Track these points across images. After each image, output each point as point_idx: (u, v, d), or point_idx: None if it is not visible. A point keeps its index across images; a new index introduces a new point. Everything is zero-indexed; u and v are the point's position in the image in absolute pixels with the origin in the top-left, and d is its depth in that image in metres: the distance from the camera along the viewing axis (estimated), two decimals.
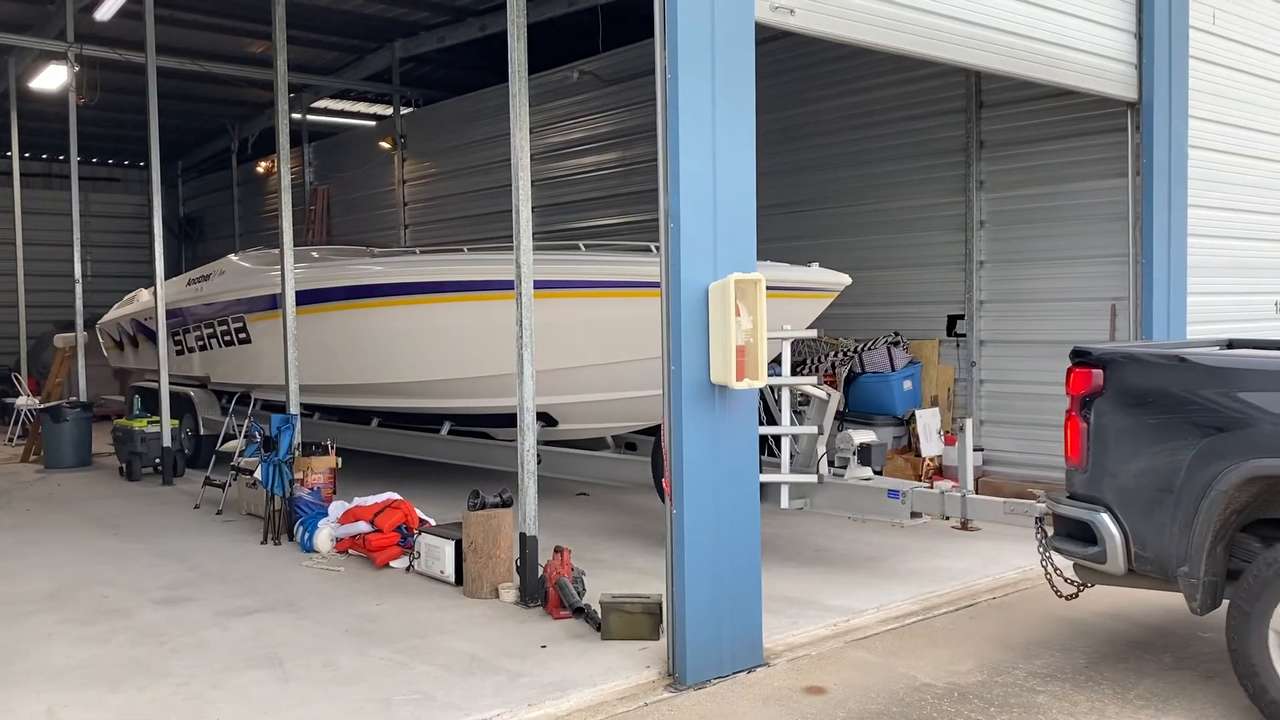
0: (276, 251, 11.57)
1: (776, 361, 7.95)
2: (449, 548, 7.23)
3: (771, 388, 7.51)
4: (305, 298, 10.04)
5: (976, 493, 7.67)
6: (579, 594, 6.40)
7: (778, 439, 7.77)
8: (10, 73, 14.44)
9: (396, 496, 8.27)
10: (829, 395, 7.65)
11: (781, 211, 10.83)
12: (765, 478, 6.95)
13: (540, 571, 6.60)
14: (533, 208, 6.69)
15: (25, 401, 14.37)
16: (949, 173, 10.41)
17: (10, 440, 14.47)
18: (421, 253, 11.48)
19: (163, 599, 6.99)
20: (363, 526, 7.95)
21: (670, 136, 5.33)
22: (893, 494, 7.15)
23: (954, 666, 5.68)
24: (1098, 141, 8.93)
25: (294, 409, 9.54)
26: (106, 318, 14.83)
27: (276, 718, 4.94)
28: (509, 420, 8.15)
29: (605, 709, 5.07)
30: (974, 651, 5.94)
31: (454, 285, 8.94)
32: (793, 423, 7.89)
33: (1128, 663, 5.76)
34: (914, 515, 7.13)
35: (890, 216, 11.18)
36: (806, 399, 8.04)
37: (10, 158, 15.45)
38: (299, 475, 8.78)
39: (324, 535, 8.19)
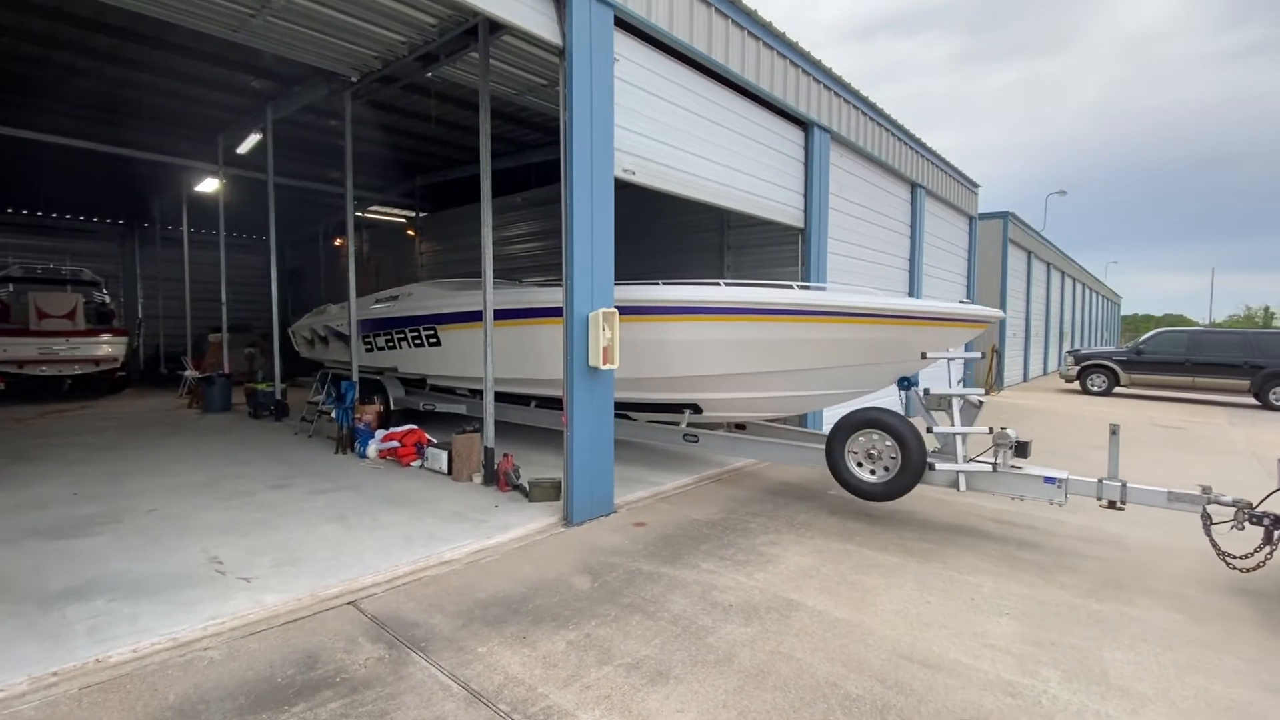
0: (456, 280, 10.07)
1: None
2: (444, 455, 7.02)
3: (941, 396, 5.50)
4: (457, 319, 8.25)
5: None
6: (517, 478, 6.34)
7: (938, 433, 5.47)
8: (184, 182, 13.24)
9: (415, 427, 7.97)
10: (980, 402, 5.48)
11: (625, 279, 10.56)
12: (945, 467, 5.25)
13: (495, 466, 6.49)
14: (493, 270, 6.56)
15: (190, 373, 13.11)
16: (713, 260, 10.51)
17: (180, 396, 13.20)
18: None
19: (275, 485, 6.53)
20: (395, 443, 7.63)
21: (568, 234, 5.31)
22: (1049, 480, 4.96)
23: (709, 510, 5.86)
24: (785, 248, 9.15)
25: (355, 378, 9.04)
26: (299, 324, 12.72)
27: (345, 548, 4.73)
28: (650, 407, 7.10)
29: (530, 537, 5.05)
30: (719, 503, 6.13)
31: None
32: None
33: (793, 508, 6.06)
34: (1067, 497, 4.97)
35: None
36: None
37: (183, 231, 14.25)
38: (358, 415, 8.35)
39: (373, 447, 7.80)
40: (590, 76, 5.33)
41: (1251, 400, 15.13)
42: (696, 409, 6.81)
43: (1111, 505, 4.80)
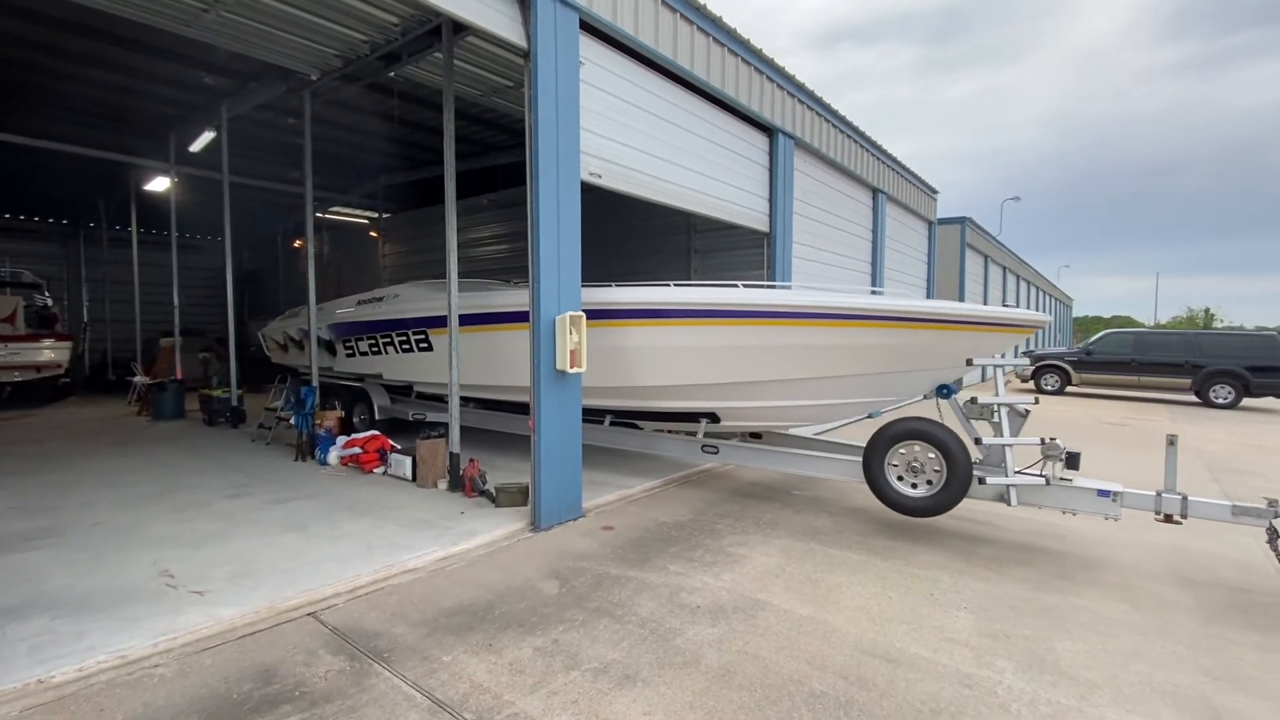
0: (443, 281, 8.94)
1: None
2: (408, 461, 6.91)
3: (985, 404, 5.14)
4: (473, 320, 7.25)
5: None
6: (484, 483, 6.27)
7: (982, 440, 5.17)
8: (133, 180, 12.75)
9: (378, 433, 7.82)
10: (1026, 410, 5.09)
11: (594, 280, 10.49)
12: (996, 480, 4.95)
13: (461, 472, 6.42)
14: (457, 273, 6.49)
15: (140, 379, 12.62)
16: (679, 263, 10.57)
17: (129, 403, 12.70)
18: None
19: (231, 494, 6.34)
20: (357, 450, 7.47)
21: (534, 238, 5.29)
22: (1103, 494, 4.70)
23: (677, 513, 5.89)
24: (751, 252, 9.22)
25: (315, 382, 8.82)
26: (270, 327, 12.07)
27: (304, 558, 4.62)
28: (662, 415, 6.76)
29: (497, 543, 5.01)
30: (687, 505, 6.17)
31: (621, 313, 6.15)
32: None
33: (760, 509, 6.14)
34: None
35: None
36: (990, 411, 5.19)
37: (131, 231, 13.65)
38: (318, 421, 8.15)
39: (334, 454, 7.62)
40: (556, 79, 5.32)
41: (1193, 398, 15.88)
42: (714, 418, 6.43)
43: (1169, 519, 4.49)
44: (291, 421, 8.39)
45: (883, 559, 4.80)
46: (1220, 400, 15.26)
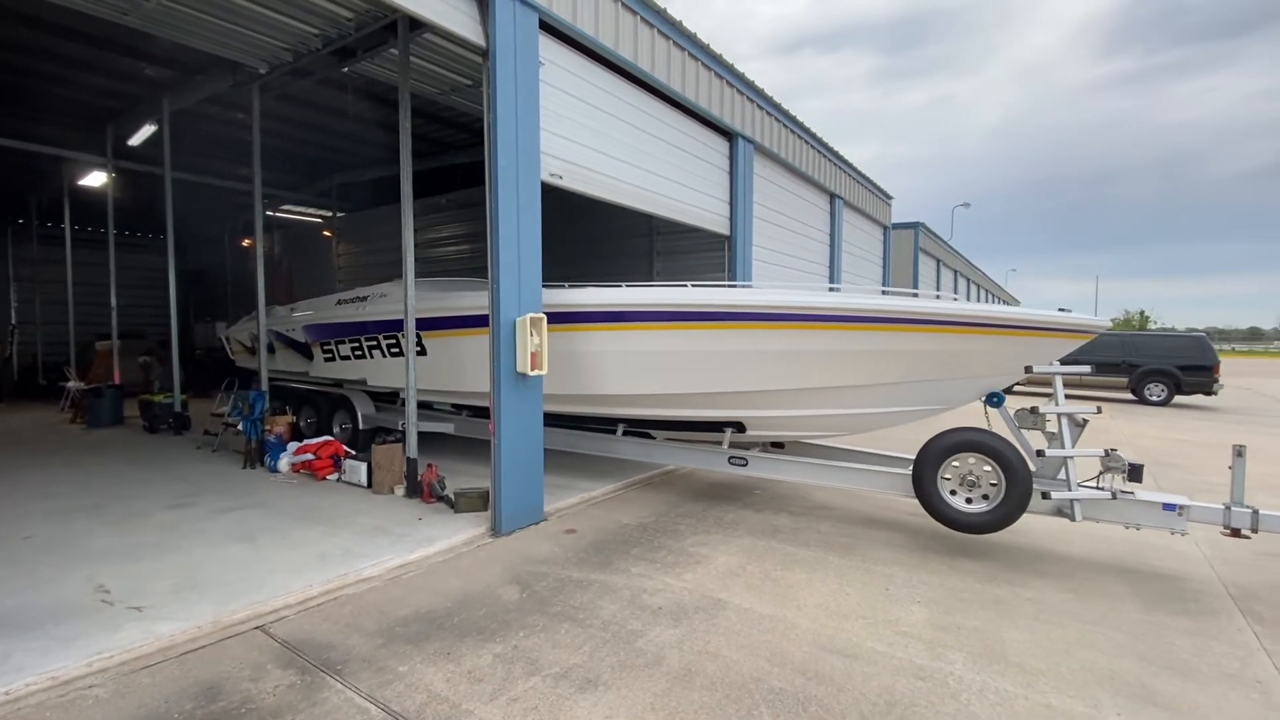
0: (445, 280, 8.60)
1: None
2: (363, 467, 6.72)
3: (1045, 414, 4.89)
4: (461, 323, 6.91)
5: None
6: (442, 489, 6.15)
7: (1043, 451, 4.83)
8: (66, 175, 12.05)
9: (331, 438, 7.59)
10: (1085, 420, 4.87)
11: (555, 284, 10.40)
12: (1060, 496, 4.66)
13: (419, 477, 6.28)
14: (415, 274, 6.35)
15: (74, 384, 11.95)
16: (642, 265, 10.58)
17: (63, 410, 12.03)
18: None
19: (173, 504, 6.05)
20: (309, 455, 7.23)
21: (493, 239, 5.23)
22: (1169, 508, 4.47)
23: (639, 514, 5.89)
24: (711, 255, 9.27)
25: (264, 387, 8.52)
26: (235, 328, 11.45)
27: (252, 569, 4.44)
28: (681, 424, 6.40)
29: (456, 549, 4.92)
30: (650, 507, 6.17)
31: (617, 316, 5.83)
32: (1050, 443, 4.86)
33: (721, 508, 6.19)
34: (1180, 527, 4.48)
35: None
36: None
37: (65, 228, 12.87)
38: (268, 427, 7.86)
39: (284, 461, 7.35)
40: (515, 79, 5.27)
41: (1129, 396, 16.69)
42: (740, 427, 6.04)
43: (1236, 533, 4.29)
44: (240, 428, 8.07)
45: (840, 556, 4.89)
46: (1154, 398, 16.08)
